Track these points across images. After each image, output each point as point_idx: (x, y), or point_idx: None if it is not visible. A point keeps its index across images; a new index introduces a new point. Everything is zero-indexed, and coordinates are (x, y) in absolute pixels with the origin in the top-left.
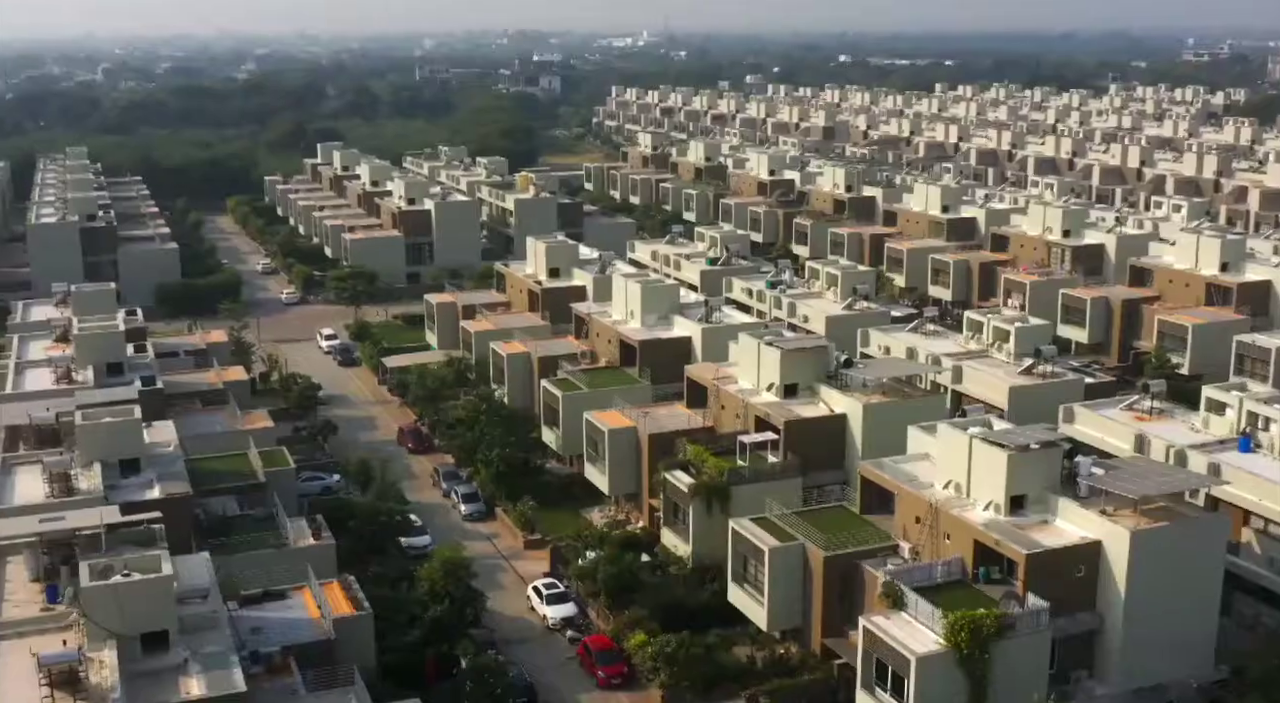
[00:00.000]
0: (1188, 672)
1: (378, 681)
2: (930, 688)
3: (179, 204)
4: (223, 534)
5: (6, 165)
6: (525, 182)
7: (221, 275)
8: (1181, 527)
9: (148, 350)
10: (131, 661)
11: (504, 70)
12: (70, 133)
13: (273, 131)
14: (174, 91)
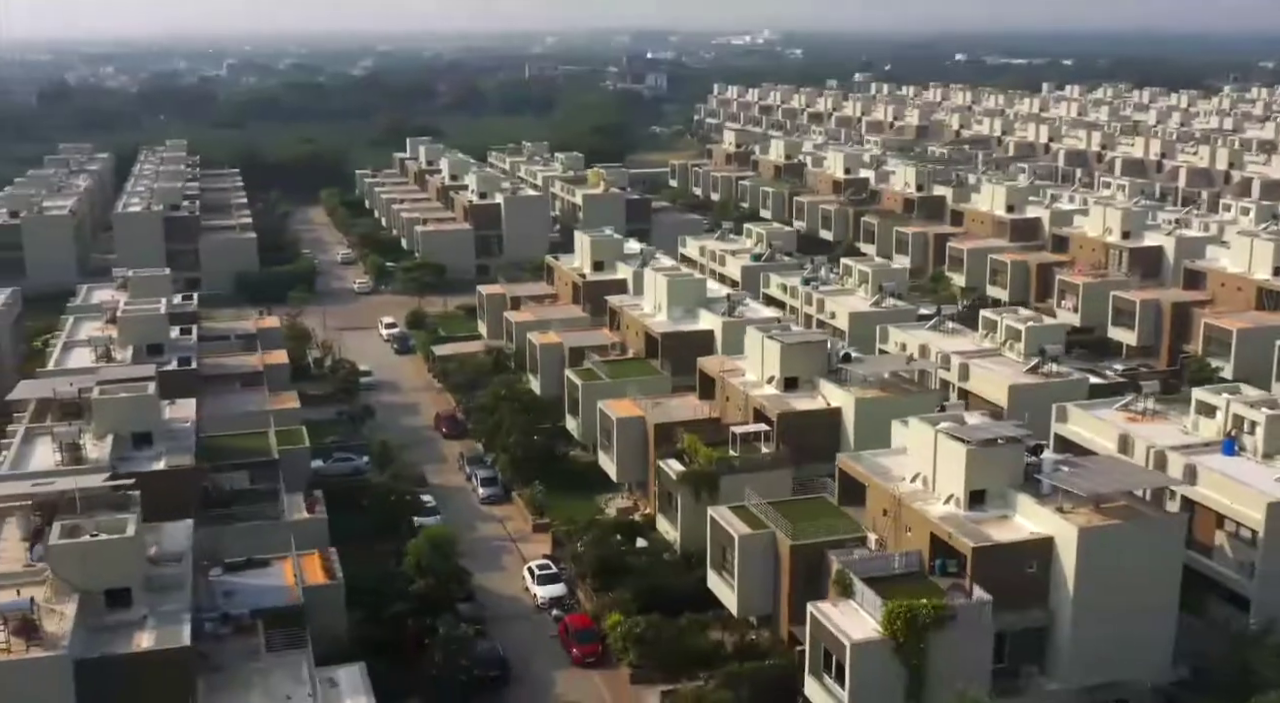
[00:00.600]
0: (1144, 672)
1: (348, 648)
2: (866, 675)
3: (272, 196)
4: (225, 506)
5: (110, 157)
6: (596, 178)
7: (298, 265)
8: (1135, 526)
9: (192, 333)
10: (95, 614)
11: (612, 68)
12: (186, 126)
13: (374, 127)
14: (289, 87)
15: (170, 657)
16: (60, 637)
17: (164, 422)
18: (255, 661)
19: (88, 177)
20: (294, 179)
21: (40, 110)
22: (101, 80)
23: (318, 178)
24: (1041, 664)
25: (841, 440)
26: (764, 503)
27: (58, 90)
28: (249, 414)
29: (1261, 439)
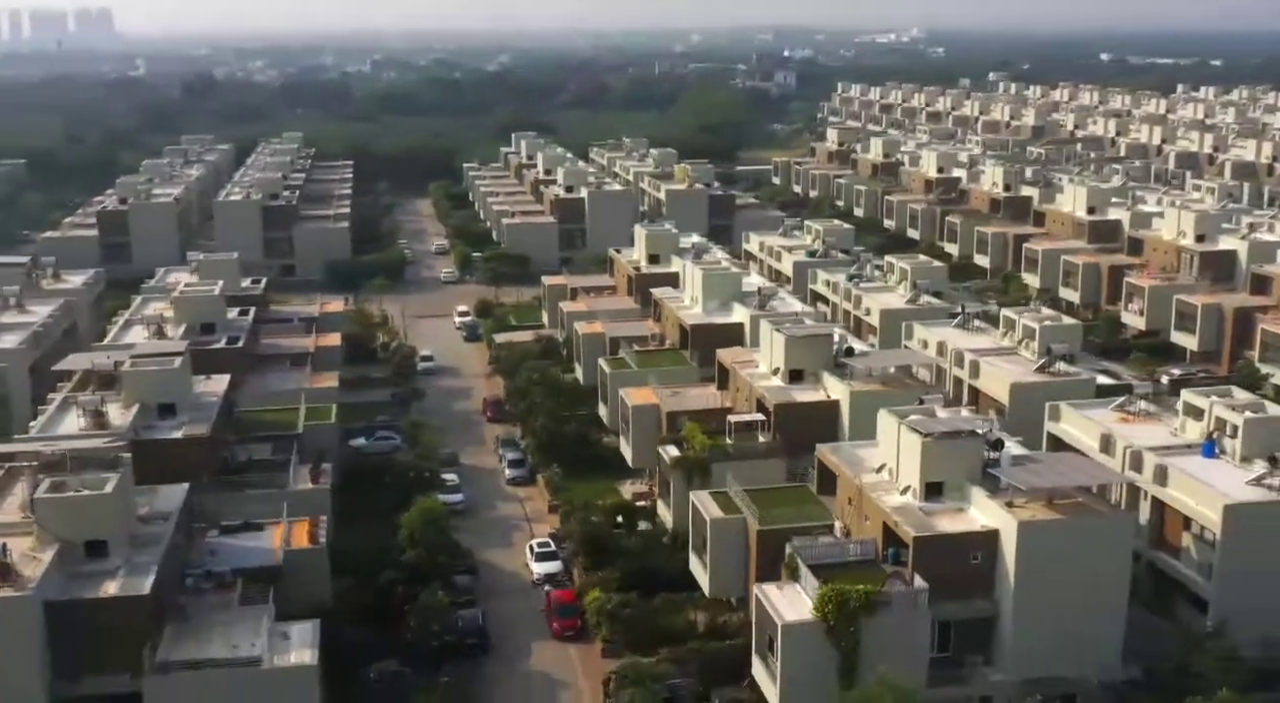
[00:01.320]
0: (1091, 668)
1: (330, 609)
2: (797, 655)
3: (379, 187)
4: (240, 473)
5: (231, 148)
6: (682, 173)
7: (388, 254)
8: (1079, 521)
9: (249, 314)
10: (73, 563)
11: (741, 66)
12: (321, 119)
13: (493, 121)
14: (424, 82)
15: (130, 603)
16: (31, 580)
17: (192, 394)
18: (225, 613)
19: (202, 166)
20: (407, 172)
21: (184, 103)
22: (250, 75)
23: (431, 171)
24: (987, 655)
25: (839, 432)
26: (741, 489)
27: (203, 83)
28: (285, 392)
29: (1240, 442)
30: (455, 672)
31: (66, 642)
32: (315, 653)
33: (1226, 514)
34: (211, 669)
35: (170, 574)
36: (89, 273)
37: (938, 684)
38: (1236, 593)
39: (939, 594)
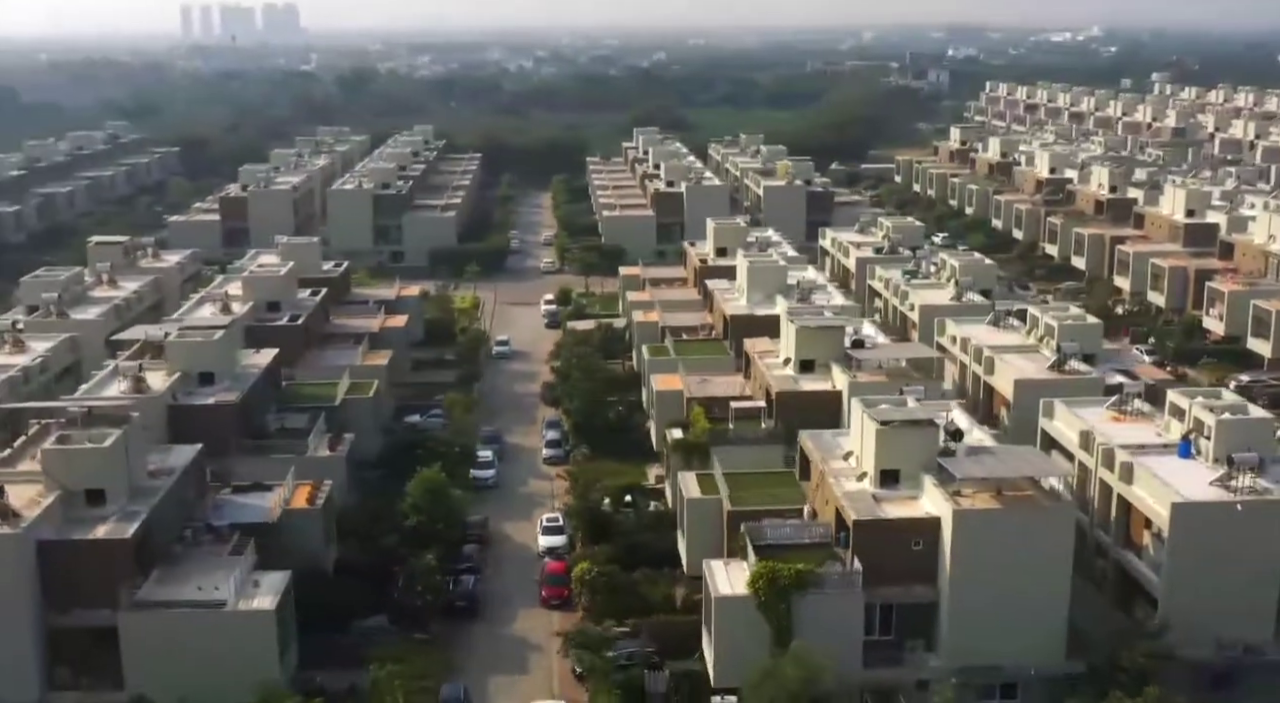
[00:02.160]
0: (1031, 658)
1: (323, 565)
2: (729, 628)
3: (504, 179)
4: (268, 439)
5: (366, 139)
6: (783, 170)
7: (491, 243)
8: (1016, 512)
9: (319, 295)
10: (73, 508)
11: (894, 64)
12: (472, 114)
13: (630, 117)
14: (575, 78)
15: (113, 546)
16: (21, 520)
17: (234, 364)
18: (211, 561)
19: (329, 157)
20: (536, 165)
21: (340, 96)
22: (413, 70)
23: (559, 164)
24: (929, 641)
25: (840, 422)
26: (724, 472)
27: (358, 77)
28: (336, 367)
29: (1213, 443)
30: (439, 630)
31: (57, 578)
32: (277, 600)
33: (1174, 513)
34: (180, 609)
35: (165, 524)
36: (185, 253)
37: (875, 666)
38: (1186, 592)
39: (880, 578)
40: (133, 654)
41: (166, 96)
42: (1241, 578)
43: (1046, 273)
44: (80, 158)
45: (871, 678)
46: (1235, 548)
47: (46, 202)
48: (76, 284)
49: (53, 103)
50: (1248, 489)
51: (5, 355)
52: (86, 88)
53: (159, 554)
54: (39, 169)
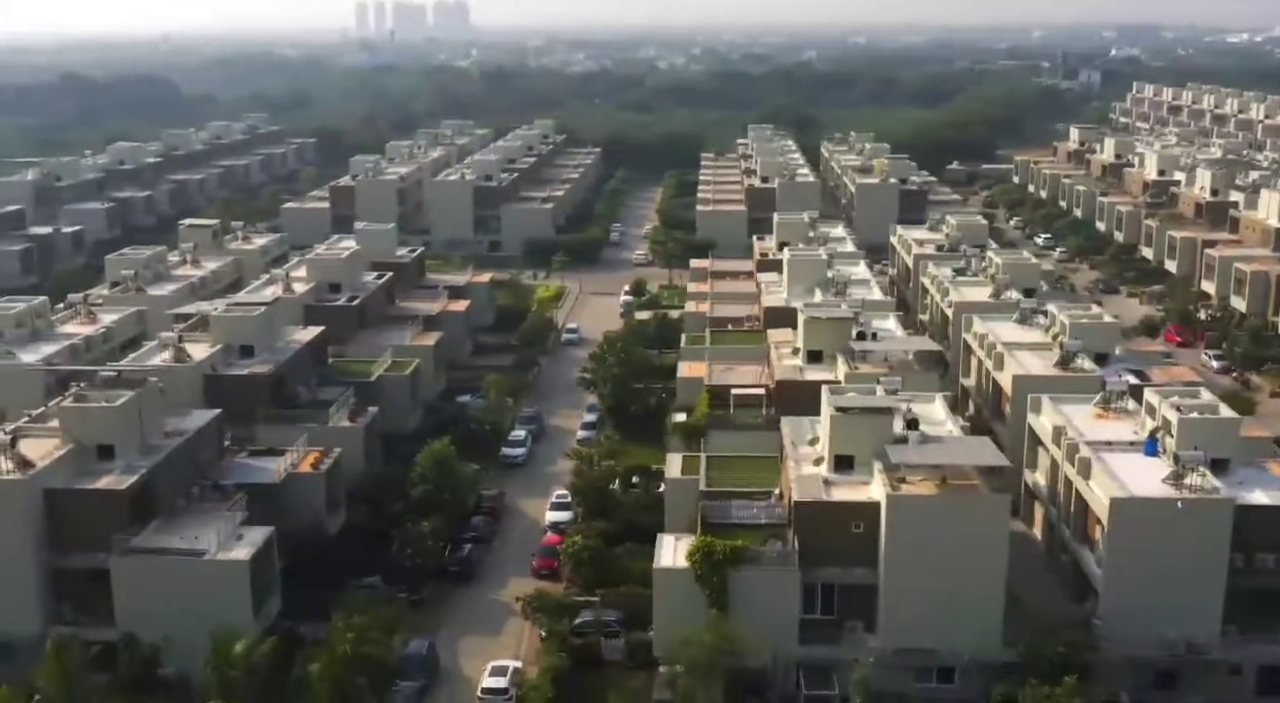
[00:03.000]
0: (967, 644)
1: (324, 526)
2: (669, 598)
3: (619, 174)
4: (295, 408)
5: (489, 132)
6: (879, 167)
7: (586, 234)
8: (949, 499)
9: (383, 278)
10: (85, 461)
11: (1045, 63)
12: (612, 109)
13: (759, 114)
14: (714, 75)
15: (110, 496)
16: (30, 466)
17: (275, 339)
18: (207, 516)
19: (445, 149)
20: (654, 159)
21: (481, 91)
22: (566, 66)
23: (677, 159)
24: (869, 622)
25: None
26: (716, 456)
27: (501, 72)
28: (384, 346)
29: (1174, 441)
30: (430, 592)
31: (61, 522)
32: (253, 552)
33: (1113, 507)
34: (164, 556)
35: (171, 480)
36: (272, 237)
37: (813, 643)
38: (1126, 587)
39: (821, 559)
40: (123, 595)
41: (320, 90)
42: (1185, 576)
43: (1139, 276)
44: (218, 147)
45: (808, 654)
46: (1177, 546)
47: (179, 188)
48: (159, 263)
49: (209, 95)
50: (1197, 488)
51: (76, 325)
52: (246, 81)
53: (161, 507)
54: (175, 157)
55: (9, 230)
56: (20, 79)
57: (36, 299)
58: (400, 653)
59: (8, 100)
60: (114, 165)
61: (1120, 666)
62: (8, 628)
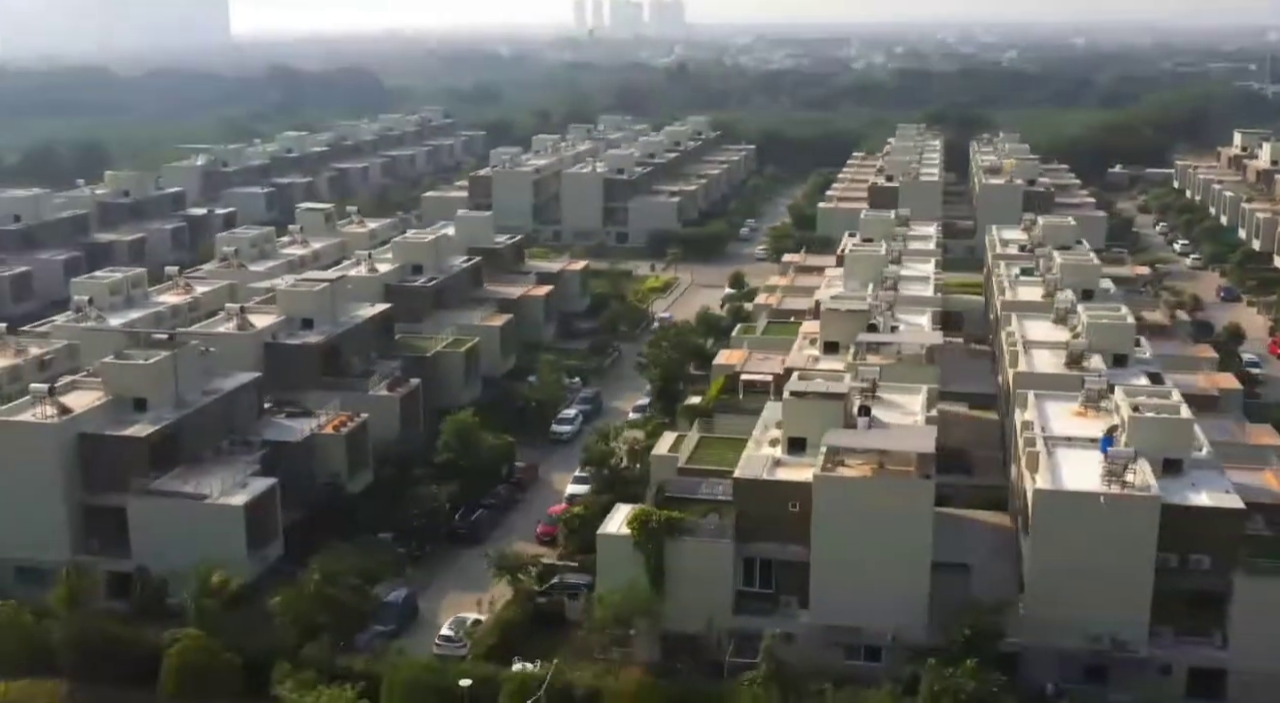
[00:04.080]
0: (891, 624)
1: (344, 484)
2: (610, 564)
3: (767, 170)
4: (343, 376)
5: (647, 126)
6: (1008, 167)
7: (709, 228)
8: (873, 483)
9: (470, 262)
10: (122, 411)
11: (1251, 66)
12: (789, 106)
13: (920, 113)
14: (897, 74)
15: (132, 443)
16: (70, 411)
17: (334, 313)
18: (226, 467)
19: (594, 143)
20: (807, 156)
21: (662, 87)
22: (762, 63)
23: (829, 157)
24: (803, 597)
25: None
26: (704, 435)
27: (684, 70)
28: (452, 325)
29: (1125, 438)
30: (434, 550)
31: (90, 464)
32: (249, 500)
33: (1036, 499)
34: (171, 498)
35: (200, 433)
36: (387, 221)
37: (747, 614)
38: (1051, 580)
39: (758, 534)
40: (137, 532)
41: (511, 85)
42: (1110, 572)
43: (1260, 284)
44: (387, 138)
45: (743, 625)
46: (1102, 541)
47: (340, 176)
48: (266, 242)
49: (408, 88)
50: (1131, 485)
51: (172, 296)
52: (450, 76)
53: (186, 456)
54: (343, 146)
55: (169, 211)
56: (238, 72)
57: (134, 271)
58: (378, 600)
59: (228, 91)
60: (281, 153)
61: (1047, 657)
62: (40, 555)
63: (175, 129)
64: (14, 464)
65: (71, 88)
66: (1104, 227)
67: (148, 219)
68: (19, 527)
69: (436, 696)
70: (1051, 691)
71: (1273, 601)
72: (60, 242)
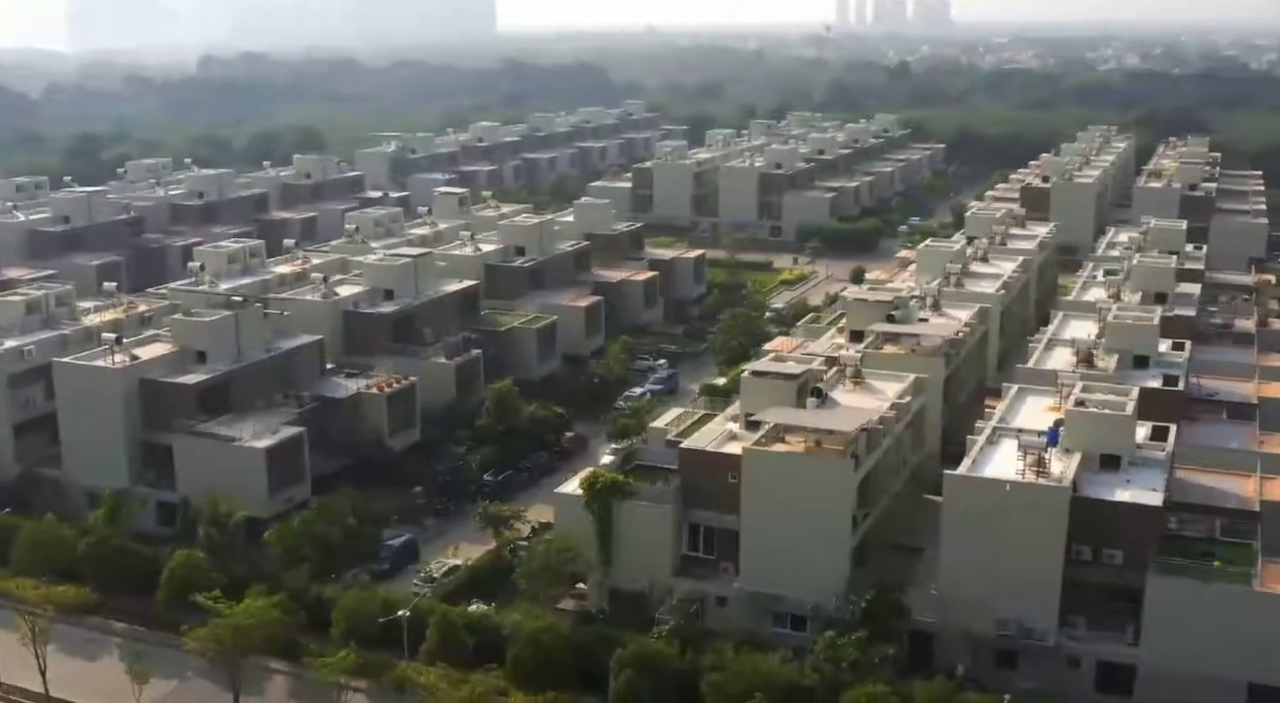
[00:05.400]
0: (813, 595)
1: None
2: (564, 521)
3: (952, 169)
4: (410, 344)
5: (839, 122)
6: (1171, 171)
7: (863, 224)
8: (798, 459)
9: (576, 247)
10: (185, 362)
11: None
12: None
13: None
14: (1130, 77)
15: (183, 389)
16: (139, 356)
17: (420, 288)
18: (274, 416)
19: (767, 138)
20: (999, 156)
21: (875, 85)
22: (1001, 64)
23: (1024, 158)
24: (737, 564)
25: None
26: (704, 413)
27: (900, 69)
28: (542, 305)
29: (1063, 431)
30: (456, 505)
31: (148, 404)
32: (271, 444)
33: (946, 483)
34: (206, 439)
35: (248, 384)
36: (518, 206)
37: (683, 576)
38: (961, 564)
39: (700, 502)
40: (182, 467)
41: (736, 82)
42: (1020, 560)
43: None
44: (583, 130)
45: (680, 586)
46: (1010, 529)
47: (526, 165)
48: (393, 222)
49: (636, 82)
50: (1051, 475)
51: (286, 267)
52: (684, 70)
53: (238, 405)
54: (535, 138)
55: (347, 193)
56: (490, 66)
57: (254, 243)
58: (377, 541)
59: (463, 83)
60: (472, 142)
61: (960, 639)
62: (103, 483)
63: (400, 117)
64: (86, 403)
65: (321, 77)
66: (1264, 234)
67: (325, 200)
68: (90, 457)
69: (378, 625)
70: (961, 672)
71: (1182, 600)
72: (238, 218)
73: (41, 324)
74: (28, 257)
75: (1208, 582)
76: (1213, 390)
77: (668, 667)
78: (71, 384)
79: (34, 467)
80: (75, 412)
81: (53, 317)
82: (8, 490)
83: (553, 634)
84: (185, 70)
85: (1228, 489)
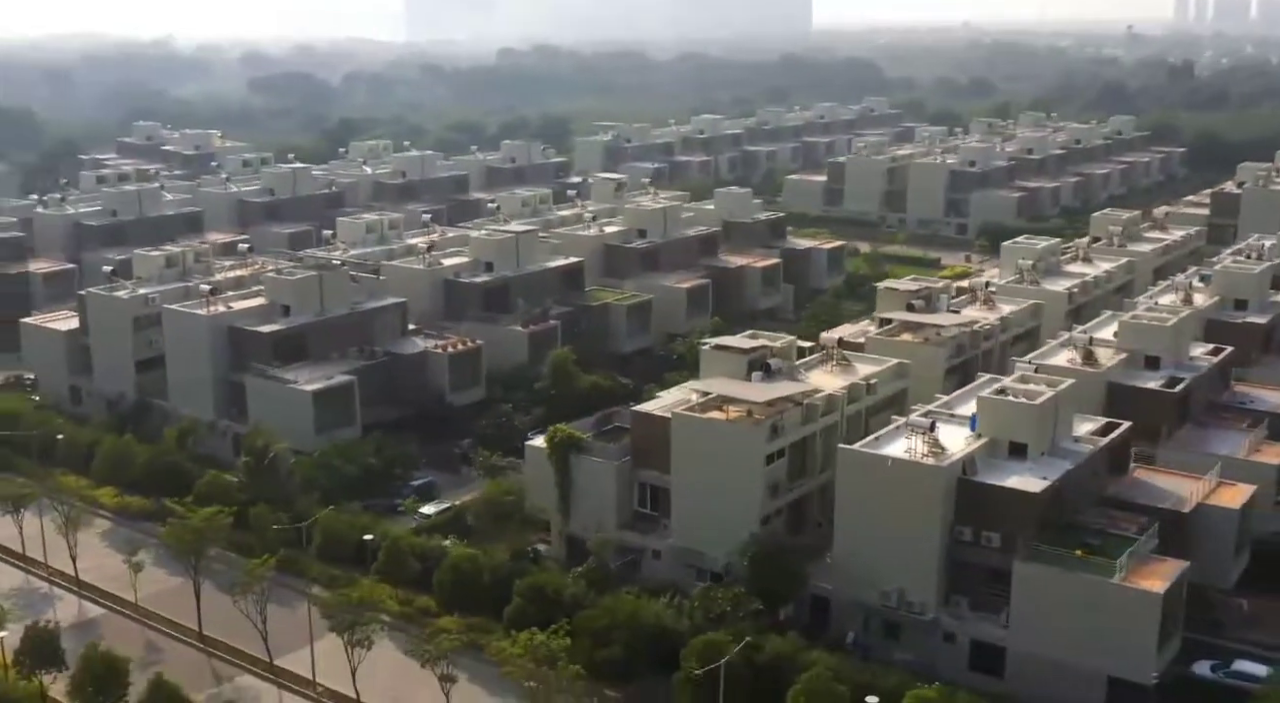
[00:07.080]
0: (723, 551)
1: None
2: (533, 468)
3: (1179, 174)
4: (504, 313)
5: (1063, 126)
6: None
7: (1042, 224)
8: (717, 424)
9: (707, 230)
10: (273, 314)
11: None
12: None
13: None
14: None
15: (258, 337)
16: (227, 312)
17: (523, 261)
18: (333, 366)
19: (980, 136)
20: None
21: (1165, 85)
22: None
23: None
24: None
25: None
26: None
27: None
28: (656, 286)
29: (979, 417)
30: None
31: (236, 350)
32: (320, 388)
33: (839, 456)
34: (268, 381)
35: (324, 338)
36: (679, 193)
37: (627, 529)
38: (848, 533)
39: (647, 462)
40: (253, 404)
41: (1017, 78)
42: (901, 534)
43: None
44: (814, 125)
45: (623, 539)
46: (894, 504)
47: (742, 157)
48: (541, 203)
49: (910, 78)
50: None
51: (419, 239)
52: (965, 68)
53: (314, 354)
54: (761, 131)
55: (550, 178)
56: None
57: (394, 216)
58: (399, 480)
59: (736, 76)
60: (693, 134)
61: (854, 607)
62: (195, 413)
63: (666, 107)
64: (185, 344)
65: (607, 70)
66: None
67: (526, 183)
68: (187, 391)
69: (349, 545)
70: (851, 639)
71: (1046, 587)
72: (436, 197)
73: (177, 277)
74: (236, 223)
75: (1070, 571)
76: (1247, 398)
77: (556, 599)
78: (175, 328)
79: (150, 397)
80: (177, 351)
81: (189, 270)
82: (130, 416)
83: (472, 564)
84: (487, 62)
85: (1171, 491)
